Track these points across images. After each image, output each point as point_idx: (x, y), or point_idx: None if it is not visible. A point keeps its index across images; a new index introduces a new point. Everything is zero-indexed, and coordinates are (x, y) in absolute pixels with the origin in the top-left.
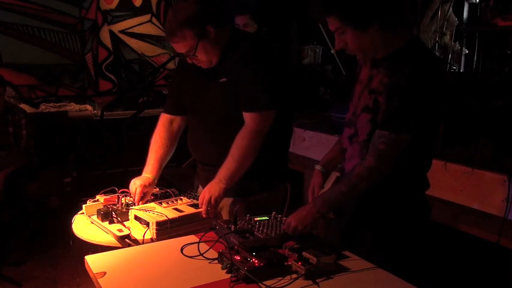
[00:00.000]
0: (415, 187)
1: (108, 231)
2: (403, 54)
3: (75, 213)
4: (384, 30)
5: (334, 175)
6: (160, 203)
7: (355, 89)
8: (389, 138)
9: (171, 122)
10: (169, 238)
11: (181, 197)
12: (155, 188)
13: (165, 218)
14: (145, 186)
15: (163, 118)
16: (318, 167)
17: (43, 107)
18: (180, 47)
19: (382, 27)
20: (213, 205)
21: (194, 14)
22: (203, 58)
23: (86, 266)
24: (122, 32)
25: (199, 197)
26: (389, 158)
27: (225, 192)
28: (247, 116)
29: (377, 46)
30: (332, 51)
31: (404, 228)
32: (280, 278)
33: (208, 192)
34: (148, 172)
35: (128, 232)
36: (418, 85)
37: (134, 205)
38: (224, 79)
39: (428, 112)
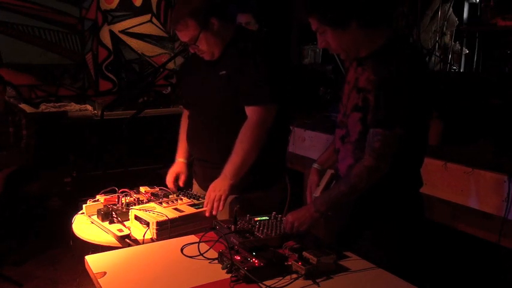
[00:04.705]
0: (409, 184)
1: (108, 231)
2: (386, 51)
3: (75, 213)
4: (363, 28)
5: (329, 173)
6: (161, 203)
7: (343, 89)
8: (384, 136)
9: None
10: (170, 238)
11: (181, 197)
12: (155, 188)
13: (165, 218)
14: (176, 172)
15: (185, 113)
16: (315, 165)
17: (43, 107)
18: (183, 36)
19: (361, 26)
20: (220, 203)
21: (199, 5)
22: (204, 48)
23: (86, 266)
24: (122, 32)
25: (206, 196)
26: (387, 155)
27: (232, 188)
28: (249, 110)
29: (358, 44)
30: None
31: (401, 227)
32: (280, 278)
33: (213, 190)
34: (180, 156)
35: (128, 232)
36: (404, 79)
37: (134, 205)
38: (224, 72)
39: (418, 105)
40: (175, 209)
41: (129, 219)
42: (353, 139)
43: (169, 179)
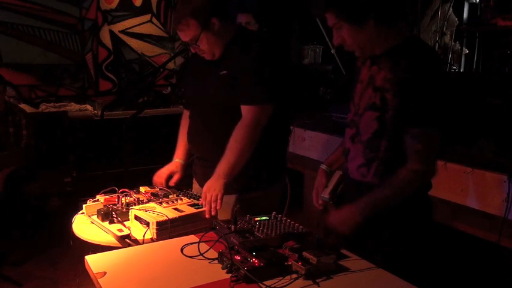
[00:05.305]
0: (420, 187)
1: (108, 231)
2: (403, 50)
3: (75, 213)
4: (380, 26)
5: (338, 174)
6: (161, 203)
7: (355, 89)
8: (423, 136)
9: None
10: (170, 238)
11: (181, 197)
12: (155, 188)
13: (165, 218)
14: (171, 171)
15: (185, 113)
16: (323, 166)
17: (43, 107)
18: (184, 35)
19: (378, 23)
20: (217, 202)
21: (200, 5)
22: (205, 48)
23: (86, 266)
24: (122, 32)
25: (202, 197)
26: (431, 156)
27: (226, 188)
28: (244, 109)
29: (374, 42)
30: (332, 51)
31: (410, 230)
32: (280, 278)
33: (208, 191)
34: (178, 157)
35: (128, 232)
36: (429, 78)
37: (134, 205)
38: (224, 72)
39: (443, 104)
40: (175, 209)
41: (129, 219)
42: (364, 138)
43: (161, 175)
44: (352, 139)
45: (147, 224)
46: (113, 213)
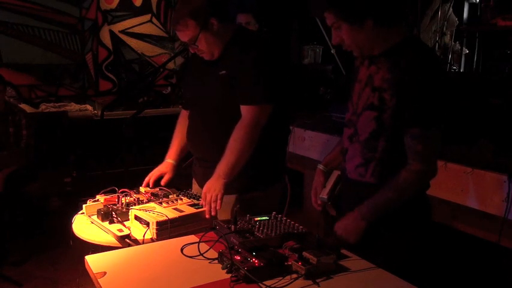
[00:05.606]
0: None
1: (108, 231)
2: (401, 50)
3: (75, 213)
4: (379, 26)
5: (336, 174)
6: (161, 203)
7: (354, 88)
8: (422, 136)
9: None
10: (170, 238)
11: (181, 197)
12: (155, 188)
13: (165, 218)
14: (161, 172)
15: (183, 113)
16: (320, 166)
17: (43, 107)
18: (183, 36)
19: (377, 24)
20: (217, 202)
21: (199, 5)
22: (204, 48)
23: (86, 266)
24: (122, 32)
25: (202, 198)
26: (431, 156)
27: (226, 188)
28: (244, 109)
29: (373, 42)
30: (332, 51)
31: (409, 230)
32: (280, 278)
33: (208, 191)
34: (170, 157)
35: (128, 232)
36: (427, 78)
37: (134, 205)
38: (223, 72)
39: (443, 103)
40: (175, 209)
41: (129, 219)
42: (362, 138)
43: (150, 176)
44: (350, 139)
45: (147, 224)
46: (113, 213)
